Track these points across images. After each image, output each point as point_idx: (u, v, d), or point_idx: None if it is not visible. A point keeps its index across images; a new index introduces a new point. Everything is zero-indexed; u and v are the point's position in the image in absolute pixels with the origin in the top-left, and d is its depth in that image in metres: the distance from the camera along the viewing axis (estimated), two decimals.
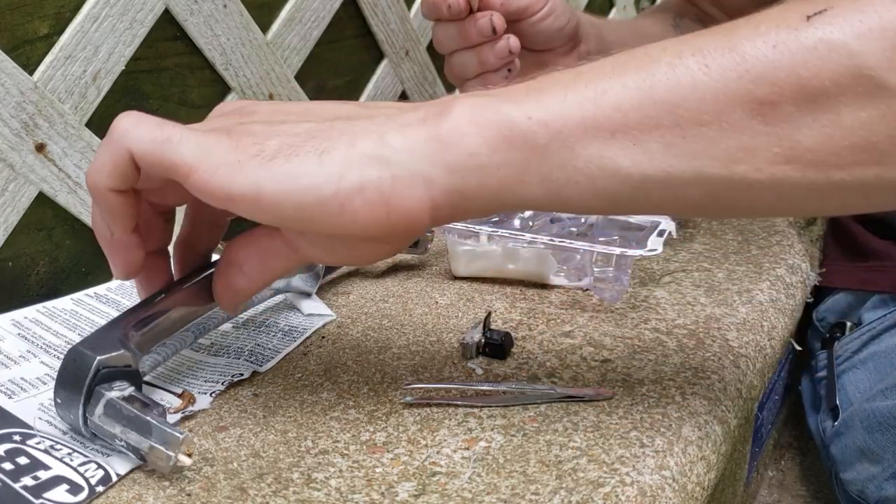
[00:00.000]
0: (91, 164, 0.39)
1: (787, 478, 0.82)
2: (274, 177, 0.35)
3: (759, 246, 0.68)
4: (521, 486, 0.38)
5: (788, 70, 0.32)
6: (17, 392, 0.45)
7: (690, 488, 0.41)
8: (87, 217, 0.60)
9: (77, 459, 0.39)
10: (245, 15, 0.68)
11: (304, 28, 0.75)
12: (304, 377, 0.49)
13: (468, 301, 0.59)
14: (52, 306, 0.56)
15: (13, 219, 0.56)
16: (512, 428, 0.43)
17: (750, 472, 0.70)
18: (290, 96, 0.74)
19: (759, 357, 0.53)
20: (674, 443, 0.42)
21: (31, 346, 0.50)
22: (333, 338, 0.54)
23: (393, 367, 0.50)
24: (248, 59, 0.70)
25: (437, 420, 0.44)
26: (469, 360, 0.50)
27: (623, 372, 0.48)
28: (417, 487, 0.39)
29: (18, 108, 0.54)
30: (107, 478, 0.38)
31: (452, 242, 0.60)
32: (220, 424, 0.44)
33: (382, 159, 0.35)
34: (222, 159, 0.36)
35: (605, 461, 0.40)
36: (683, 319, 0.55)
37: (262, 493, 0.38)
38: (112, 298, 0.58)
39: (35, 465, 0.38)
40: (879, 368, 0.64)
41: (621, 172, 0.35)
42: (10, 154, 0.54)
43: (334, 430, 0.43)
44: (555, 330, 0.54)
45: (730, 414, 0.47)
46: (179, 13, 0.63)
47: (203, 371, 0.49)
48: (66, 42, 0.56)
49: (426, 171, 0.35)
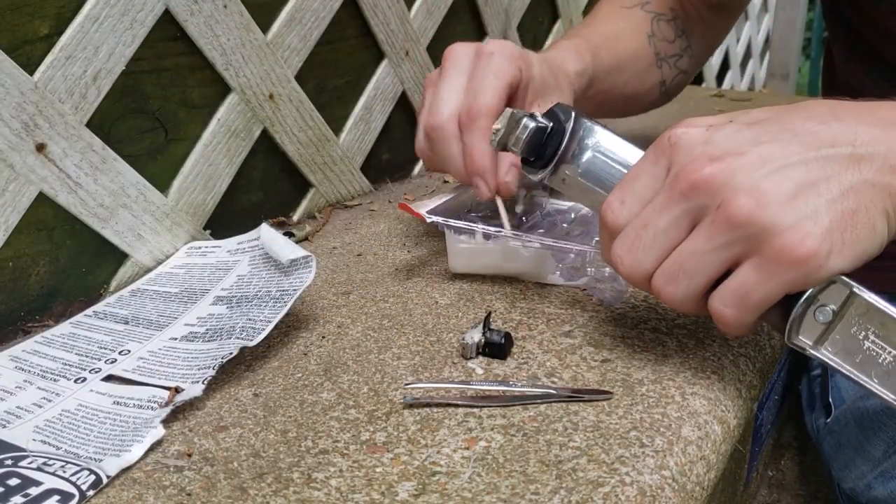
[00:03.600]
0: (729, 331, 0.42)
1: (786, 477, 0.82)
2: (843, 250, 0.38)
3: None
4: (521, 486, 0.38)
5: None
6: (11, 421, 0.45)
7: (690, 488, 0.41)
8: (87, 217, 0.60)
9: (70, 470, 0.40)
10: (245, 15, 0.68)
11: (304, 28, 0.75)
12: (304, 377, 0.49)
13: (468, 301, 0.59)
14: (51, 334, 0.56)
15: (14, 219, 0.56)
16: (512, 428, 0.43)
17: (750, 472, 0.70)
18: (290, 96, 0.74)
19: (759, 357, 0.53)
20: (673, 443, 0.42)
21: (27, 376, 0.50)
22: (333, 338, 0.54)
23: (393, 367, 0.50)
24: (249, 60, 0.70)
25: (437, 420, 0.44)
26: (469, 360, 0.50)
27: (623, 372, 0.48)
28: (417, 487, 0.39)
29: (19, 109, 0.54)
30: (97, 481, 0.39)
31: (452, 240, 0.60)
32: (221, 424, 0.44)
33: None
34: (804, 275, 0.38)
35: (605, 461, 0.40)
36: (683, 319, 0.55)
37: (263, 493, 0.38)
38: (110, 312, 0.59)
39: (26, 484, 0.39)
40: None
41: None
42: (11, 154, 0.54)
43: (334, 430, 0.43)
44: (555, 330, 0.54)
45: (730, 414, 0.47)
46: (179, 13, 0.63)
47: (196, 360, 0.49)
48: (67, 42, 0.56)
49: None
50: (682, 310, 0.43)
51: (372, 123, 0.87)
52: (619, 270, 0.44)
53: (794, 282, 0.38)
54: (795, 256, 0.37)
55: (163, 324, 0.56)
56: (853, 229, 0.38)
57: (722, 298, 0.41)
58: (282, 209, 0.79)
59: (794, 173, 0.38)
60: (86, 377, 0.50)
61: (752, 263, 0.39)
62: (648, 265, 0.42)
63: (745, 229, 0.38)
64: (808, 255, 0.37)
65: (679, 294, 0.42)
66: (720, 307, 0.41)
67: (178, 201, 0.67)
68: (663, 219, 0.41)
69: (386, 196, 0.87)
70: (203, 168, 0.68)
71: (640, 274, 0.43)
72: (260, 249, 0.62)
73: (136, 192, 0.63)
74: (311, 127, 0.78)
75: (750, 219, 0.38)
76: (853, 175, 0.38)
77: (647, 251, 0.42)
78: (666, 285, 0.42)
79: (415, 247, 0.71)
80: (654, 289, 0.43)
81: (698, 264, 0.41)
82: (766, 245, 0.38)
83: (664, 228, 0.41)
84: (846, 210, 0.38)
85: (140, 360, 0.51)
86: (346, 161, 0.83)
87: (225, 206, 0.72)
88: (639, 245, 0.42)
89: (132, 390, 0.48)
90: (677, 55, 0.80)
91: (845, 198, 0.38)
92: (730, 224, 0.39)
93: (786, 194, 0.38)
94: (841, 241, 0.37)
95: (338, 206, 0.84)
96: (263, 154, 0.75)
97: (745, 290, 0.39)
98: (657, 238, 0.42)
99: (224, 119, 0.69)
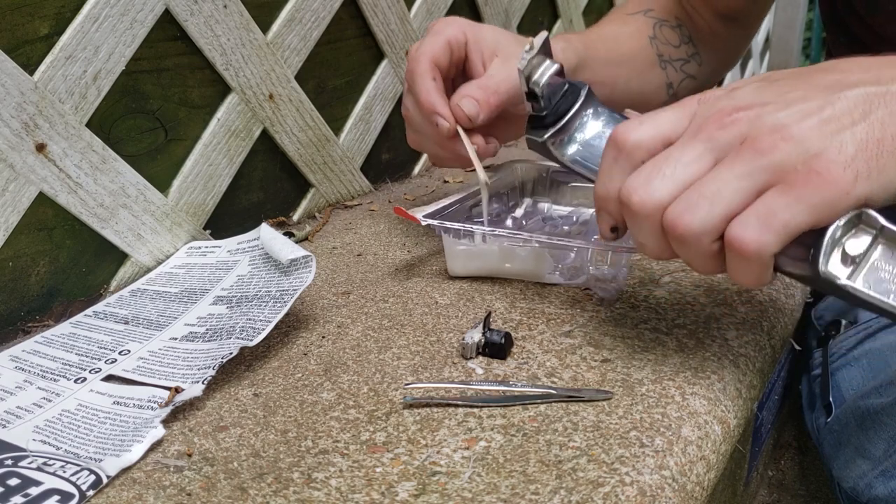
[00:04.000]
0: (741, 278, 0.40)
1: (786, 477, 0.82)
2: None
3: None
4: (521, 486, 0.38)
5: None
6: (11, 421, 0.45)
7: (690, 488, 0.41)
8: (87, 217, 0.60)
9: (70, 470, 0.40)
10: (245, 15, 0.68)
11: (304, 28, 0.75)
12: (304, 377, 0.49)
13: (468, 301, 0.59)
14: (51, 334, 0.56)
15: (14, 219, 0.56)
16: (512, 428, 0.43)
17: (750, 472, 0.70)
18: (290, 96, 0.74)
19: (759, 357, 0.53)
20: (673, 443, 0.42)
21: (27, 376, 0.50)
22: (333, 338, 0.54)
23: (393, 367, 0.50)
24: (248, 60, 0.70)
25: (437, 420, 0.44)
26: (469, 360, 0.50)
27: (623, 372, 0.48)
28: (417, 487, 0.39)
29: (19, 109, 0.54)
30: (98, 481, 0.39)
31: (449, 242, 0.60)
32: (221, 424, 0.44)
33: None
34: (833, 199, 0.37)
35: (605, 461, 0.40)
36: (683, 319, 0.55)
37: (263, 493, 0.38)
38: (110, 312, 0.59)
39: (26, 484, 0.39)
40: (873, 366, 0.64)
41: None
42: (11, 154, 0.54)
43: (334, 430, 0.43)
44: (555, 330, 0.54)
45: (729, 414, 0.47)
46: (180, 13, 0.63)
47: (196, 360, 0.49)
48: (67, 42, 0.56)
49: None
50: (695, 251, 0.40)
51: (372, 123, 0.87)
52: (631, 200, 0.41)
53: (820, 206, 0.37)
54: (822, 180, 0.37)
55: (163, 324, 0.56)
56: (878, 158, 0.37)
57: (743, 222, 0.39)
58: (282, 209, 0.79)
59: (819, 111, 0.38)
60: (86, 377, 0.50)
61: (777, 189, 0.38)
62: (665, 195, 0.40)
63: (771, 156, 0.38)
64: (835, 178, 0.37)
65: (696, 223, 0.39)
66: (740, 231, 0.38)
67: (178, 201, 0.67)
68: (687, 153, 0.40)
69: (386, 196, 0.87)
70: (203, 168, 0.68)
71: (653, 204, 0.41)
72: (260, 249, 0.62)
73: (136, 192, 0.63)
74: (311, 127, 0.78)
75: (776, 147, 0.38)
76: (878, 108, 0.38)
77: (665, 180, 0.40)
78: (683, 213, 0.40)
79: (415, 247, 0.71)
80: (667, 220, 0.40)
81: (721, 191, 0.39)
82: (792, 171, 0.37)
83: (687, 161, 0.40)
84: (871, 139, 0.37)
85: (140, 360, 0.51)
86: (346, 161, 0.83)
87: (225, 206, 0.72)
88: (657, 175, 0.41)
89: (132, 390, 0.48)
90: (683, 59, 0.80)
91: (871, 128, 0.37)
92: (756, 153, 0.38)
93: (810, 127, 0.38)
94: (867, 168, 0.37)
95: (338, 206, 0.84)
96: (263, 154, 0.75)
97: (769, 211, 0.38)
98: (678, 169, 0.40)
99: (224, 119, 0.69)
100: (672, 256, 0.43)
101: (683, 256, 0.42)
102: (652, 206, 0.41)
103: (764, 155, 0.38)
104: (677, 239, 0.41)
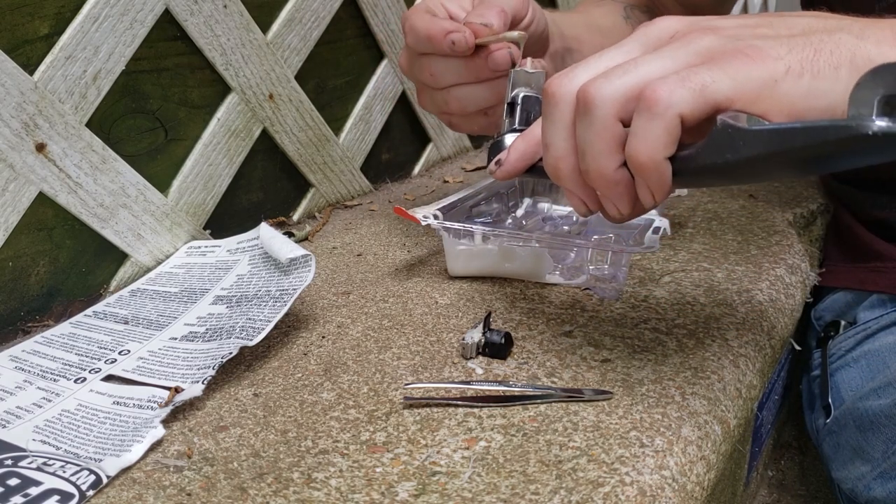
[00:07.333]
0: (640, 144, 0.36)
1: (786, 477, 0.82)
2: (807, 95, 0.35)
3: (758, 246, 0.68)
4: (521, 486, 0.38)
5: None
6: (11, 421, 0.45)
7: (690, 488, 0.41)
8: (87, 217, 0.60)
9: (70, 470, 0.40)
10: (245, 15, 0.68)
11: (304, 28, 0.75)
12: (304, 377, 0.49)
13: (468, 301, 0.59)
14: (51, 334, 0.56)
15: (13, 219, 0.56)
16: (512, 428, 0.43)
17: (750, 472, 0.70)
18: (290, 97, 0.74)
19: (759, 357, 0.53)
20: (673, 443, 0.42)
21: (27, 376, 0.50)
22: (333, 338, 0.54)
23: (393, 367, 0.50)
24: (248, 59, 0.70)
25: (437, 420, 0.44)
26: (469, 360, 0.50)
27: (623, 372, 0.48)
28: (417, 487, 0.39)
29: (19, 109, 0.54)
30: (97, 481, 0.39)
31: (449, 243, 0.60)
32: (221, 424, 0.44)
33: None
34: (758, 80, 0.35)
35: (605, 461, 0.40)
36: (683, 319, 0.55)
37: (263, 493, 0.38)
38: (110, 312, 0.59)
39: (26, 484, 0.39)
40: (872, 367, 0.64)
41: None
42: (11, 154, 0.54)
43: (334, 430, 0.43)
44: (555, 330, 0.54)
45: (729, 414, 0.47)
46: (179, 13, 0.63)
47: (196, 360, 0.49)
48: (67, 42, 0.56)
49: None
50: (600, 134, 0.38)
51: (372, 123, 0.87)
52: (550, 90, 0.40)
53: (744, 82, 0.35)
54: (750, 59, 0.35)
55: (163, 323, 0.56)
56: (814, 63, 0.36)
57: (659, 79, 0.36)
58: (282, 209, 0.79)
59: (755, 26, 0.38)
60: (86, 377, 0.50)
61: (703, 64, 0.36)
62: (584, 77, 0.39)
63: (700, 42, 0.37)
64: (764, 60, 0.35)
65: (607, 87, 0.37)
66: (653, 85, 0.36)
67: (177, 201, 0.67)
68: (615, 50, 0.40)
69: (386, 196, 0.87)
70: (203, 168, 0.68)
71: (572, 86, 0.39)
72: (259, 249, 0.62)
73: (136, 192, 0.63)
74: (311, 127, 0.78)
75: (705, 36, 0.37)
76: (822, 33, 0.37)
77: (588, 68, 0.39)
78: (595, 80, 0.38)
79: (415, 247, 0.71)
80: (579, 92, 0.38)
81: (640, 64, 0.37)
82: (720, 52, 0.36)
83: (613, 55, 0.39)
84: (808, 47, 0.36)
85: (140, 360, 0.51)
86: (346, 161, 0.83)
87: (225, 206, 0.72)
88: (581, 66, 0.39)
89: (132, 390, 0.48)
90: None
91: (808, 41, 0.36)
92: (685, 41, 0.37)
93: (743, 27, 0.38)
94: (800, 66, 0.35)
95: (338, 206, 0.84)
96: (263, 154, 0.75)
97: (690, 72, 0.36)
98: (602, 59, 0.39)
99: (224, 119, 0.69)
100: (577, 169, 0.40)
101: (586, 151, 0.38)
102: (570, 86, 0.39)
103: (692, 42, 0.37)
104: (583, 110, 0.38)
